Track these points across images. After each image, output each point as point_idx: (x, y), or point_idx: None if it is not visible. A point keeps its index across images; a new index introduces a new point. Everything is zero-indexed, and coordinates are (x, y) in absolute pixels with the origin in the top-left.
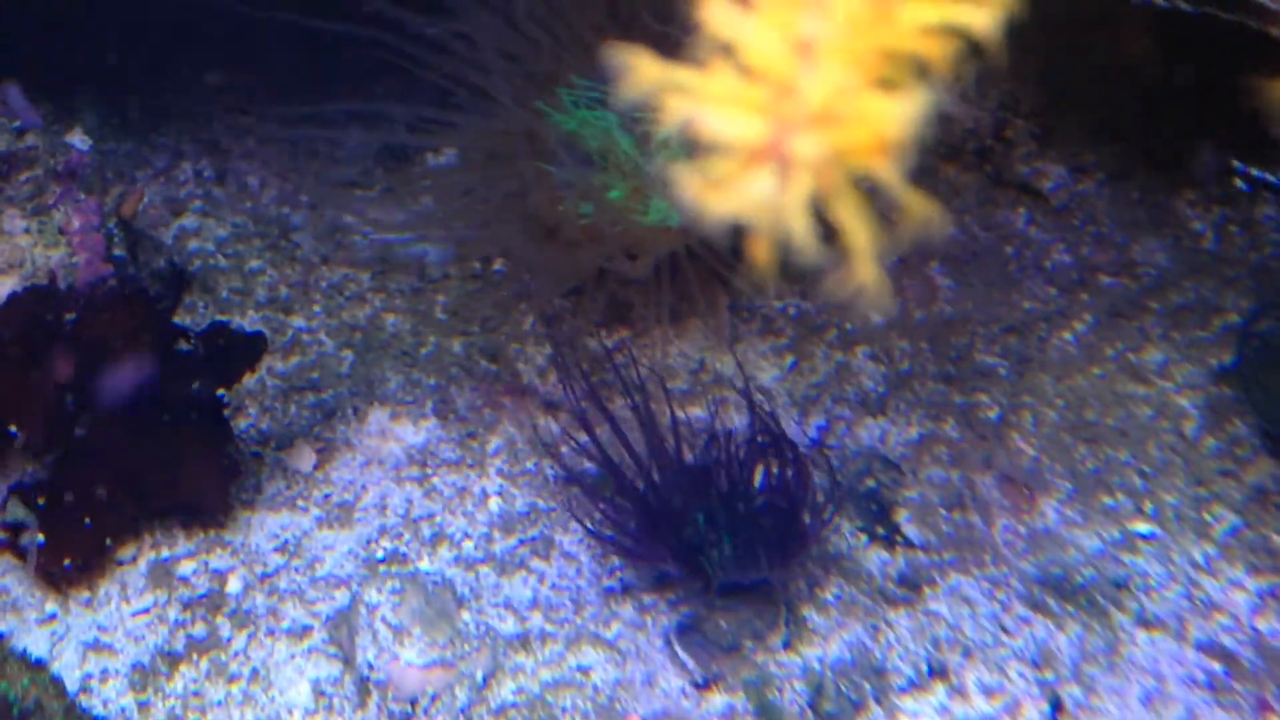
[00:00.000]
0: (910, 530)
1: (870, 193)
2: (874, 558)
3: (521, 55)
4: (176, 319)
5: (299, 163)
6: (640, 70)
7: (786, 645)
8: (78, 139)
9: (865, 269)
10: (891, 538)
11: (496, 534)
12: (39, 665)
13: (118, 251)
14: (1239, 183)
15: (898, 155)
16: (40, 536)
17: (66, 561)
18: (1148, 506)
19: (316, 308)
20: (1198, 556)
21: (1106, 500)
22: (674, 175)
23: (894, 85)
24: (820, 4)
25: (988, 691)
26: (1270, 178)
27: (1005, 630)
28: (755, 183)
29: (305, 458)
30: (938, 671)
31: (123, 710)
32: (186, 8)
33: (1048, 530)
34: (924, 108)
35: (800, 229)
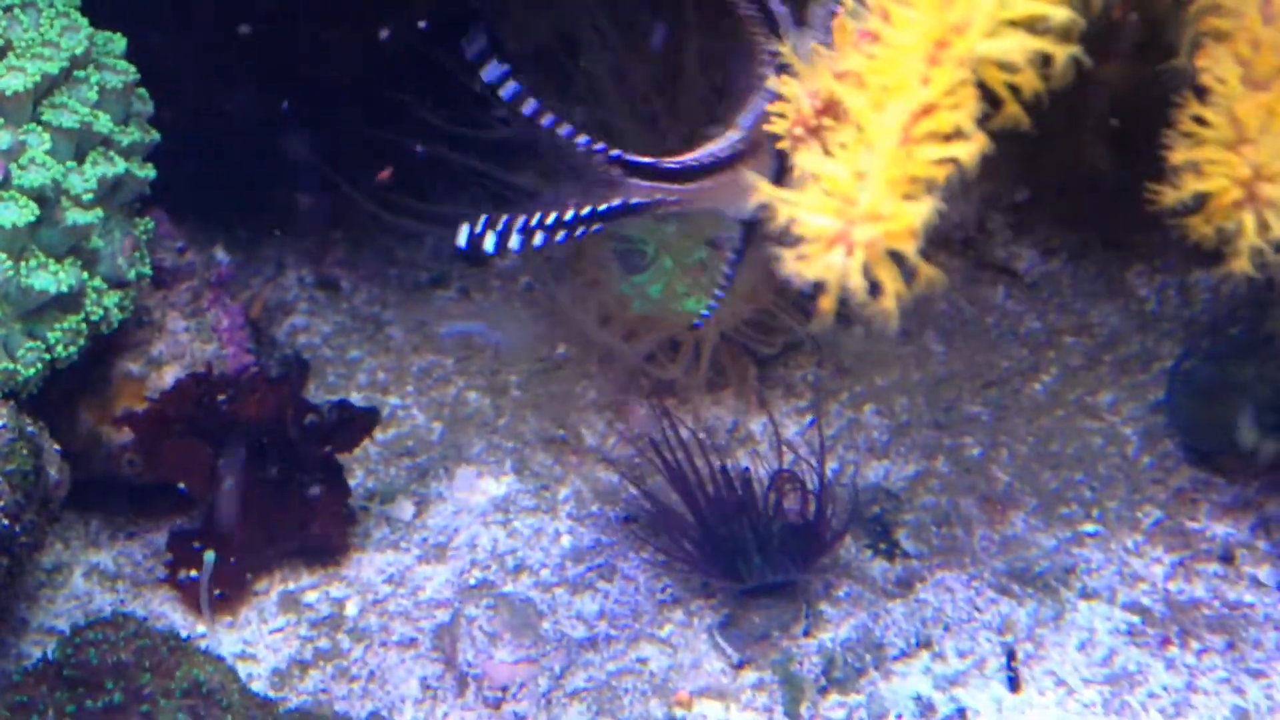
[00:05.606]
0: (907, 545)
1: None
2: (877, 566)
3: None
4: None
5: (383, 268)
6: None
7: (806, 633)
8: (219, 254)
9: (890, 305)
10: (892, 551)
11: (568, 563)
12: (219, 658)
13: (249, 344)
14: None
15: (916, 239)
16: (194, 572)
17: (216, 592)
18: (1095, 512)
19: (409, 388)
20: (1129, 544)
21: (1063, 510)
22: (778, 256)
23: (914, 195)
24: (870, 147)
25: (961, 654)
26: None
27: (977, 609)
28: (831, 257)
29: (405, 509)
30: (923, 642)
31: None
32: (275, 141)
33: (1015, 536)
34: (932, 210)
35: (857, 284)
